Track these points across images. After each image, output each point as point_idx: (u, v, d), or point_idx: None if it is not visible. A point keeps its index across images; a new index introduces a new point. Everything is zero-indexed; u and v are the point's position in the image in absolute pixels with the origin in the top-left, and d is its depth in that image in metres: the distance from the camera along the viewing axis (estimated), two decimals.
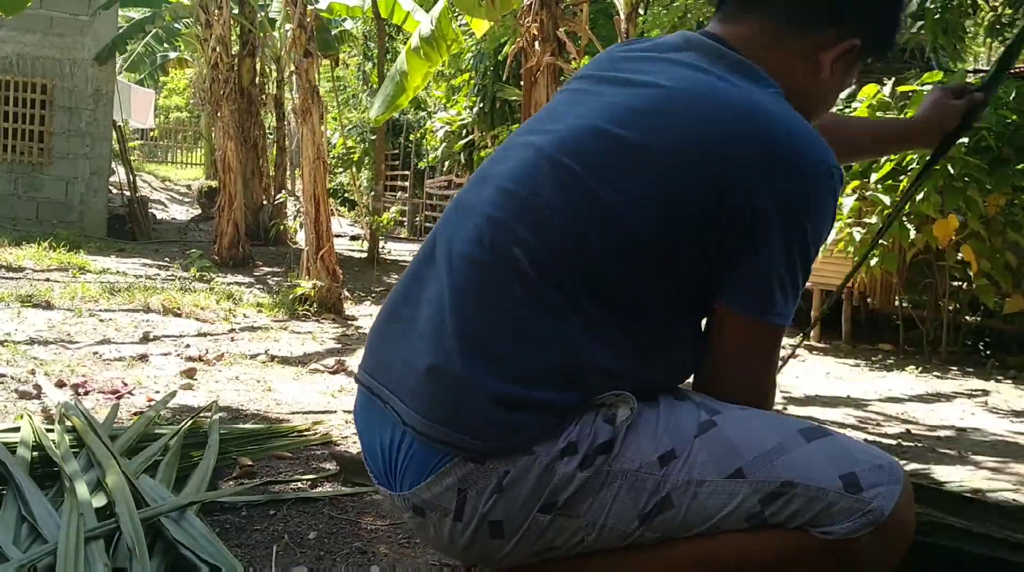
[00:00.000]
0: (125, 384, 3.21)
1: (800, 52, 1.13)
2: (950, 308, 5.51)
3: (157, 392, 3.14)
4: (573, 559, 1.08)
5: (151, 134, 23.26)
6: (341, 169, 17.33)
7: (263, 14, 10.57)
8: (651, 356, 1.07)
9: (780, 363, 1.16)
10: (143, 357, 3.79)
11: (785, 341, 1.18)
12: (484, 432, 1.01)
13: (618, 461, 1.01)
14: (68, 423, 2.20)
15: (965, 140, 4.85)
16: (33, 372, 3.25)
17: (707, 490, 1.00)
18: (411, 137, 18.84)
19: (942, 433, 3.37)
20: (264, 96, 11.32)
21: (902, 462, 2.63)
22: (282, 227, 10.73)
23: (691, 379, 1.17)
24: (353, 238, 13.22)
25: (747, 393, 1.10)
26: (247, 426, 2.65)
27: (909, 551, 1.05)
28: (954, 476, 2.64)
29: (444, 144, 16.74)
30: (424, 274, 1.12)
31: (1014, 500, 2.39)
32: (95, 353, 3.80)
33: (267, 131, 12.13)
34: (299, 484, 2.12)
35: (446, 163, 17.27)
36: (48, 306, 5.03)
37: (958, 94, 1.52)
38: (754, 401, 1.10)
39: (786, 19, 1.13)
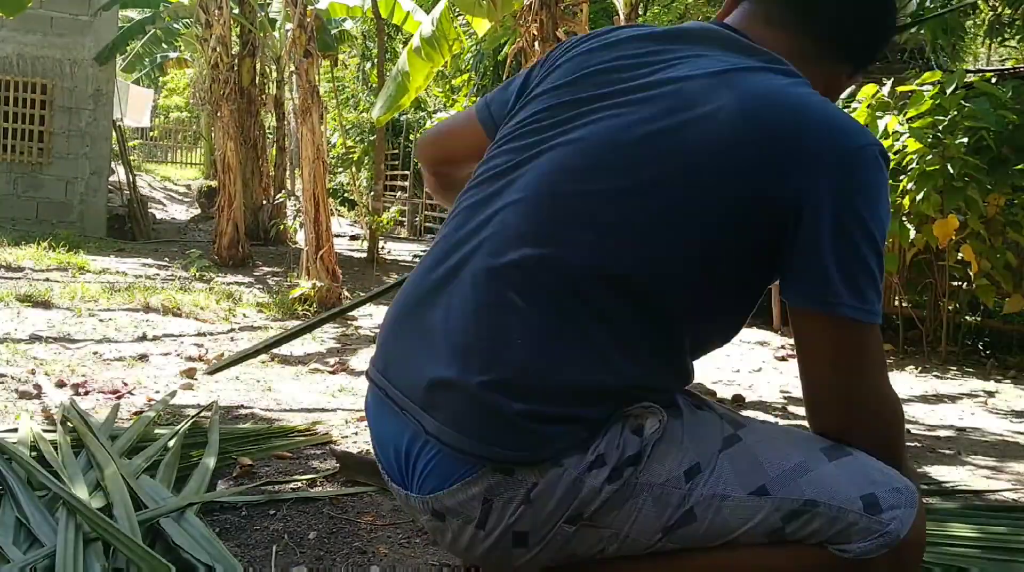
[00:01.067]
0: (125, 384, 3.21)
1: (822, 73, 1.13)
2: (950, 308, 5.51)
3: (157, 392, 3.14)
4: (591, 564, 1.08)
5: (151, 134, 23.26)
6: (341, 169, 17.33)
7: (263, 14, 10.57)
8: (675, 366, 1.07)
9: (813, 364, 1.03)
10: (143, 357, 3.79)
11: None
12: (514, 444, 0.99)
13: (645, 474, 1.01)
14: (68, 424, 2.20)
15: (965, 140, 4.85)
16: (33, 372, 3.25)
17: (730, 505, 1.01)
18: (411, 137, 18.84)
19: (942, 433, 3.37)
20: (264, 96, 11.32)
21: None
22: (282, 227, 10.73)
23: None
24: (353, 238, 13.22)
25: (852, 411, 1.05)
26: (247, 426, 2.65)
27: None
28: (954, 476, 2.65)
29: None
30: (444, 281, 1.08)
31: (1014, 500, 2.39)
32: (95, 353, 3.80)
33: (267, 131, 12.13)
34: (299, 484, 2.12)
35: None
36: (48, 306, 5.03)
37: None
38: (866, 421, 1.06)
39: (820, 49, 1.13)
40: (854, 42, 1.15)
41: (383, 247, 10.90)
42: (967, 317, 5.63)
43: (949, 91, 4.94)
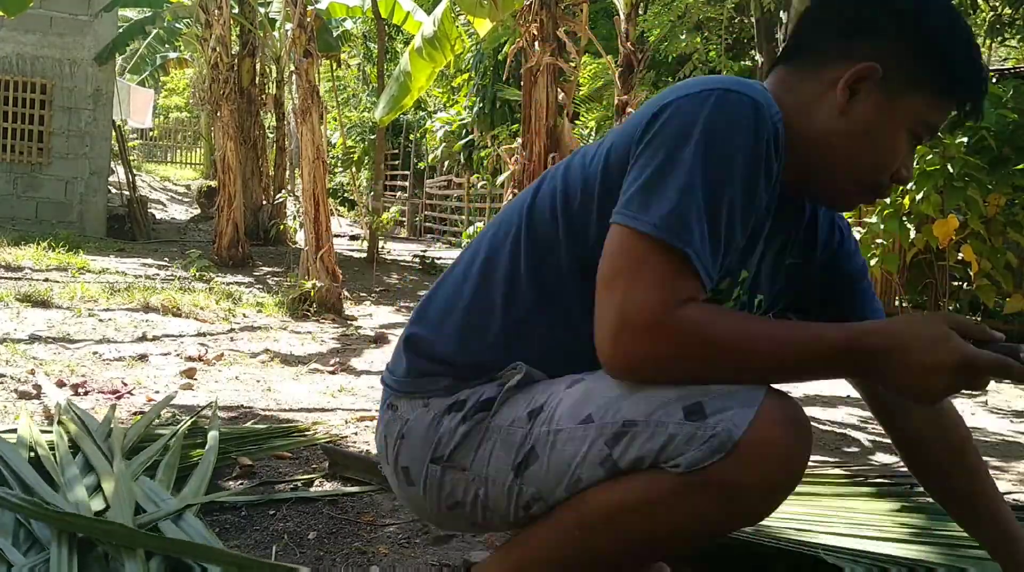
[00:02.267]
0: (125, 384, 3.21)
1: (815, 94, 1.08)
2: (950, 308, 5.51)
3: (157, 392, 3.13)
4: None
5: (151, 134, 23.26)
6: (341, 169, 17.32)
7: (263, 13, 10.56)
8: (546, 326, 1.14)
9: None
10: (143, 357, 3.79)
11: None
12: (400, 374, 1.18)
13: (495, 419, 1.09)
14: (67, 425, 2.20)
15: (965, 139, 4.85)
16: (33, 372, 3.25)
17: (563, 438, 1.03)
18: (411, 137, 18.84)
19: None
20: (264, 96, 11.32)
21: (901, 464, 2.63)
22: (282, 227, 10.73)
23: None
24: (353, 238, 13.22)
25: (606, 320, 0.98)
26: (247, 426, 2.65)
27: None
28: None
29: (444, 144, 16.74)
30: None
31: (1015, 500, 2.39)
32: (95, 353, 3.80)
33: (267, 131, 12.13)
34: (299, 484, 2.12)
35: (446, 163, 17.28)
36: (48, 306, 5.03)
37: (986, 372, 0.97)
38: (615, 327, 0.97)
39: (794, 64, 1.12)
40: (835, 42, 1.07)
41: (383, 247, 10.89)
42: (967, 317, 5.63)
43: None
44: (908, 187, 4.93)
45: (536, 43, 6.87)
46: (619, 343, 0.96)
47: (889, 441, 1.35)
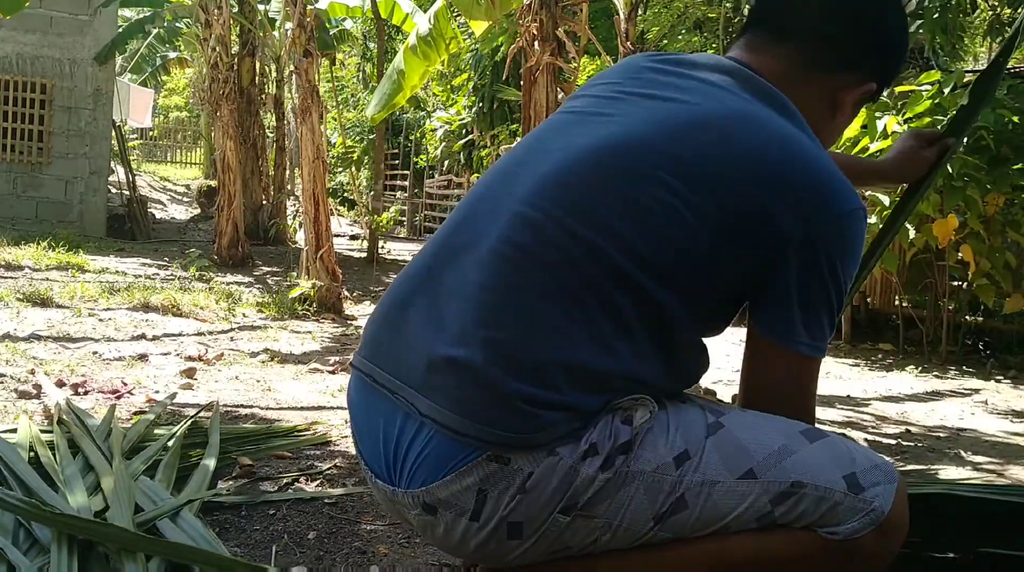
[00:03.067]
0: (125, 384, 3.21)
1: (822, 90, 1.18)
2: (950, 308, 5.51)
3: (157, 392, 3.13)
4: (583, 558, 1.07)
5: (151, 134, 23.26)
6: (341, 169, 17.31)
7: (263, 12, 10.56)
8: (671, 363, 1.08)
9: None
10: (143, 357, 3.79)
11: None
12: (512, 427, 0.99)
13: (636, 462, 1.02)
14: (67, 425, 2.20)
15: (965, 139, 4.85)
16: (33, 372, 3.25)
17: (720, 490, 1.02)
18: (410, 137, 18.84)
19: (942, 433, 3.37)
20: (264, 96, 11.32)
21: (900, 463, 2.63)
22: (281, 227, 10.73)
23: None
24: (353, 238, 13.22)
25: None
26: (247, 426, 2.65)
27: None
28: (954, 476, 2.64)
29: (443, 144, 16.74)
30: (441, 269, 1.09)
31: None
32: (95, 353, 3.80)
33: (267, 131, 12.13)
34: (299, 484, 2.12)
35: (445, 163, 17.28)
36: (47, 305, 5.03)
37: (929, 141, 1.57)
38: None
39: (813, 56, 1.17)
40: (839, 45, 1.18)
41: (383, 247, 10.89)
42: (967, 317, 5.63)
43: (948, 91, 4.94)
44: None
45: (536, 43, 6.87)
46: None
47: (888, 442, 1.39)
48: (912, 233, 4.96)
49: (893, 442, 3.07)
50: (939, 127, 4.51)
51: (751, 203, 1.04)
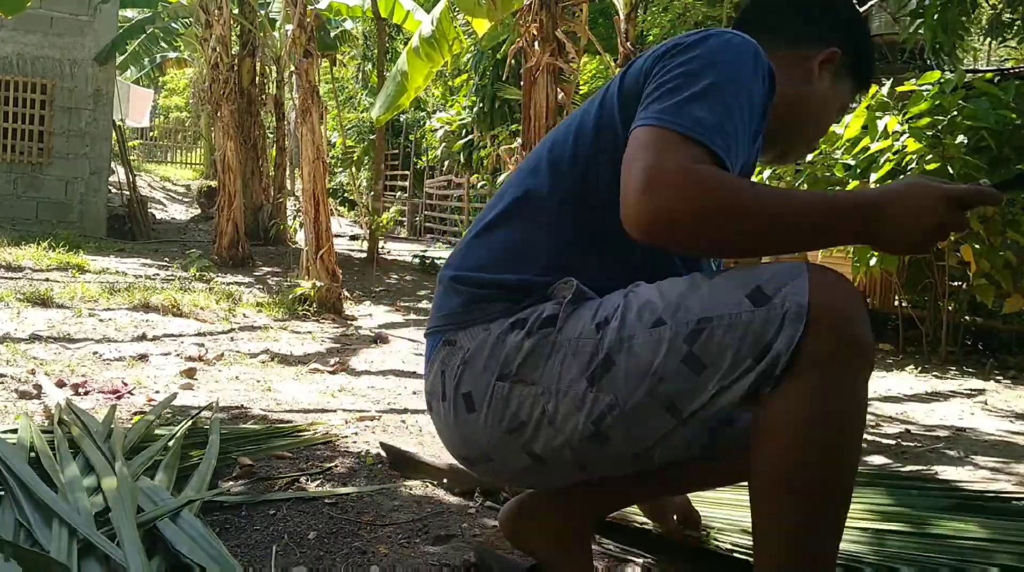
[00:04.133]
0: (125, 384, 3.21)
1: (792, 62, 1.30)
2: (950, 308, 5.51)
3: (157, 392, 3.13)
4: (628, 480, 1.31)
5: (151, 134, 23.26)
6: (341, 169, 17.31)
7: (263, 13, 10.56)
8: (593, 254, 1.21)
9: None
10: (143, 357, 3.79)
11: None
12: (454, 310, 1.23)
13: (562, 333, 1.13)
14: (67, 425, 2.20)
15: (965, 140, 4.85)
16: (33, 372, 3.25)
17: (638, 342, 1.07)
18: (411, 137, 18.84)
19: (941, 433, 3.37)
20: (264, 96, 11.33)
21: (899, 463, 2.63)
22: (282, 227, 10.73)
23: None
24: (353, 238, 13.23)
25: (631, 180, 1.03)
26: (247, 426, 2.65)
27: None
28: (954, 476, 2.64)
29: (443, 144, 16.74)
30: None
31: (1015, 501, 2.39)
32: (95, 353, 3.80)
33: (267, 131, 12.13)
34: (299, 484, 2.12)
35: (445, 163, 17.28)
36: (48, 306, 5.03)
37: (962, 202, 1.05)
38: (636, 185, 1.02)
39: (775, 33, 1.32)
40: (795, 20, 1.33)
41: (383, 247, 10.90)
42: (967, 317, 5.63)
43: (949, 91, 4.94)
44: None
45: (536, 43, 6.87)
46: (643, 199, 1.00)
47: (888, 442, 1.39)
48: None
49: (893, 442, 3.06)
50: (939, 128, 4.46)
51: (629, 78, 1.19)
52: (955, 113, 4.87)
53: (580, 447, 1.13)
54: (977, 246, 4.87)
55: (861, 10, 10.49)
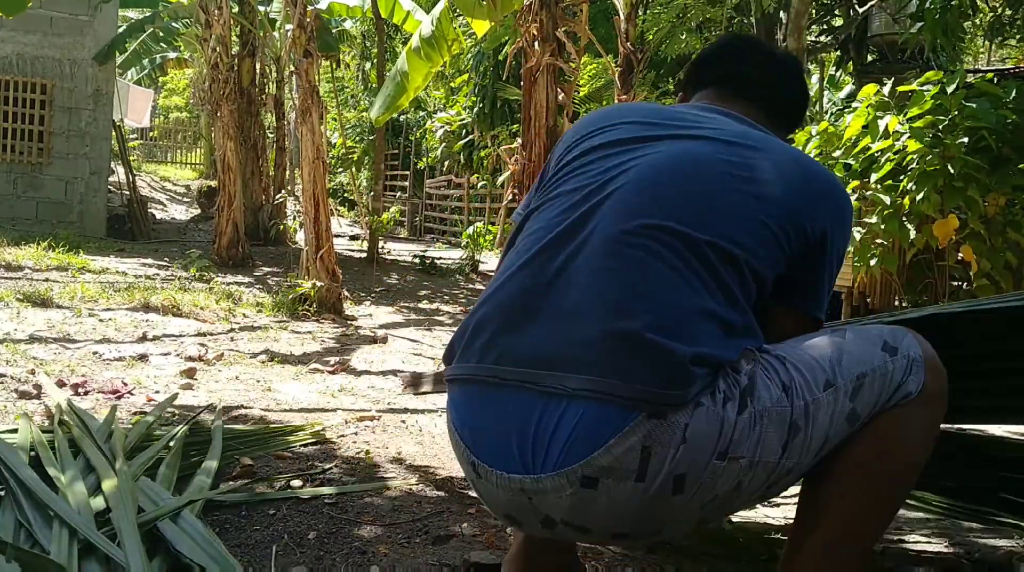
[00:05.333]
0: (125, 384, 3.21)
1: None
2: None
3: (157, 392, 3.13)
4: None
5: (151, 134, 23.26)
6: (341, 169, 17.31)
7: (263, 12, 10.56)
8: (755, 325, 1.26)
9: None
10: (143, 357, 3.79)
11: None
12: (668, 384, 1.08)
13: (759, 401, 1.15)
14: (67, 425, 2.20)
15: (965, 140, 4.85)
16: (33, 372, 3.25)
17: (817, 405, 1.17)
18: (411, 137, 18.84)
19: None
20: (264, 96, 11.32)
21: None
22: (282, 227, 10.73)
23: None
24: (353, 238, 13.22)
25: None
26: (247, 426, 2.65)
27: None
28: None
29: (443, 144, 16.74)
30: (542, 273, 1.21)
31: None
32: (95, 353, 3.80)
33: (267, 131, 12.13)
34: (299, 484, 2.12)
35: (445, 163, 17.28)
36: (48, 306, 5.03)
37: None
38: None
39: (768, 114, 1.47)
40: (789, 112, 1.52)
41: (383, 247, 10.90)
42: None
43: (949, 91, 4.93)
44: (908, 187, 4.93)
45: (536, 43, 6.87)
46: None
47: None
48: (912, 233, 4.96)
49: None
50: (939, 128, 4.45)
51: (792, 209, 1.26)
52: (955, 113, 4.87)
53: (746, 504, 1.25)
54: (978, 246, 4.86)
55: (861, 11, 10.50)
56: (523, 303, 1.20)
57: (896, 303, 5.68)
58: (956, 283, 5.48)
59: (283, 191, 11.62)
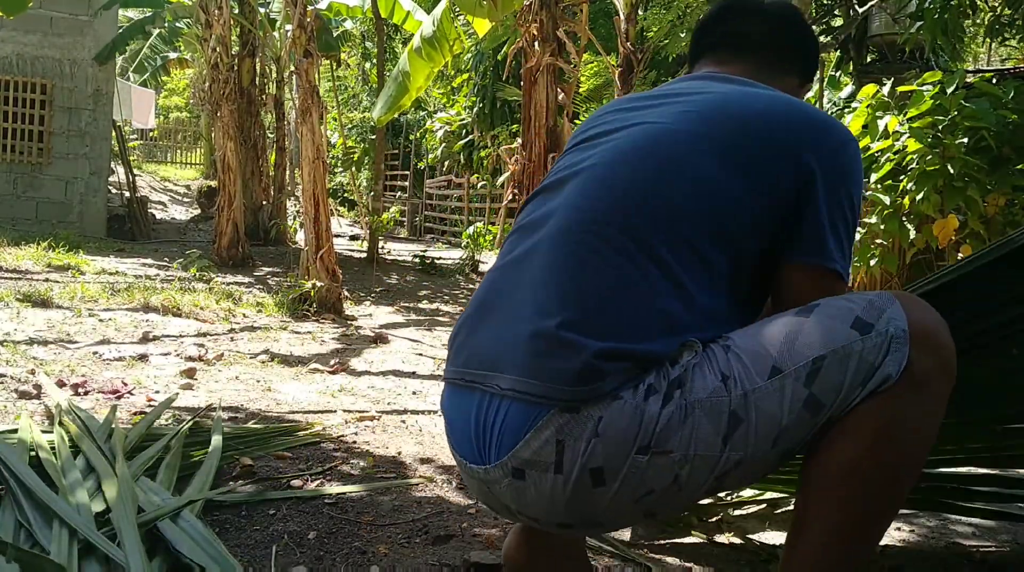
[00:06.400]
0: (125, 384, 3.21)
1: (782, 89, 1.37)
2: None
3: (157, 392, 3.13)
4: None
5: (151, 134, 23.26)
6: (341, 169, 17.32)
7: (263, 13, 10.57)
8: (721, 313, 1.19)
9: None
10: (143, 357, 3.79)
11: None
12: (577, 380, 1.09)
13: (692, 393, 1.10)
14: (67, 425, 2.20)
15: (965, 140, 4.85)
16: (33, 372, 3.25)
17: (759, 395, 1.09)
18: (411, 137, 18.84)
19: None
20: (264, 96, 11.32)
21: None
22: (282, 227, 10.73)
23: None
24: (353, 238, 13.23)
25: None
26: (247, 426, 2.65)
27: None
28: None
29: (443, 144, 16.74)
30: (508, 269, 1.24)
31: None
32: (95, 353, 3.80)
33: (267, 131, 12.13)
34: (299, 484, 2.12)
35: (445, 163, 17.28)
36: (48, 306, 5.03)
37: None
38: None
39: (770, 62, 1.43)
40: (796, 57, 1.45)
41: (383, 247, 10.90)
42: None
43: (949, 91, 4.94)
44: (908, 187, 4.93)
45: (536, 43, 6.87)
46: None
47: None
48: (912, 233, 4.96)
49: None
50: (939, 128, 4.46)
51: (772, 152, 1.20)
52: (955, 113, 4.87)
53: (695, 497, 1.17)
54: (978, 246, 4.86)
55: (861, 11, 10.50)
56: (490, 301, 1.24)
57: None
58: None
59: (283, 191, 11.63)
